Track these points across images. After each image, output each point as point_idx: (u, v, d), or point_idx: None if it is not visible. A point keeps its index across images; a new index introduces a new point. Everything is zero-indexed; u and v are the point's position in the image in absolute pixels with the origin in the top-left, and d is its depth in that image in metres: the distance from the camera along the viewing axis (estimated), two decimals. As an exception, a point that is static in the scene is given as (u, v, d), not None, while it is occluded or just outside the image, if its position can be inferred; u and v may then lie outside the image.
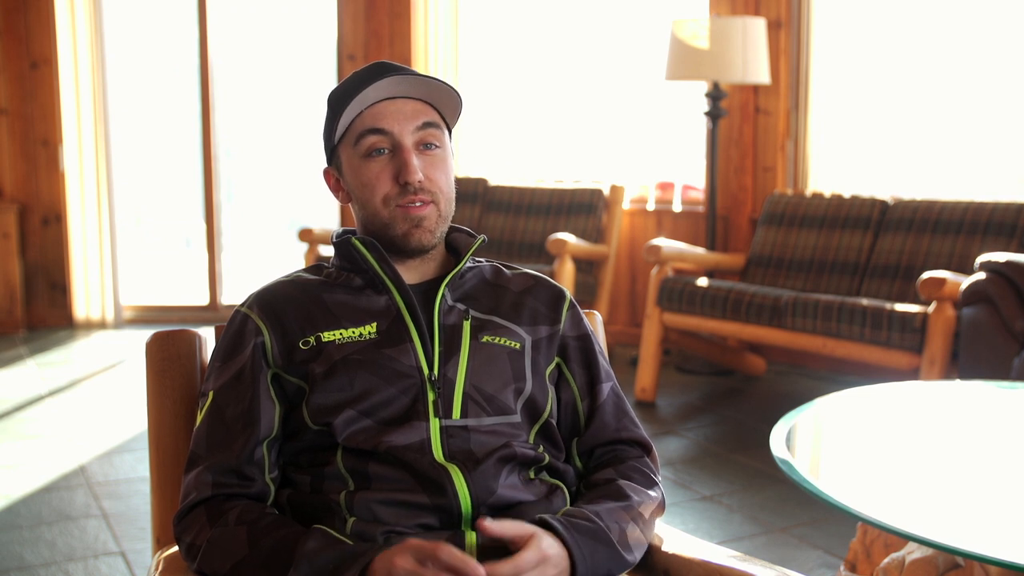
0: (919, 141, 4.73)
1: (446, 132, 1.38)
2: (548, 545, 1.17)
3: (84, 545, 2.84)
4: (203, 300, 6.18)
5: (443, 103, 1.37)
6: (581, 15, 5.73)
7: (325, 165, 1.43)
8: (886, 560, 1.76)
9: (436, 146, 1.35)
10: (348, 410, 1.27)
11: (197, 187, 6.22)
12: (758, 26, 4.51)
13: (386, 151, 1.33)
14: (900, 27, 4.68)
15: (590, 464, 1.39)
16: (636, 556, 1.28)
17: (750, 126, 4.97)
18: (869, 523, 1.41)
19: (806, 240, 4.38)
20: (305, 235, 5.23)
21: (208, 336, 1.49)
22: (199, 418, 1.32)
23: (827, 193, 4.47)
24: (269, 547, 1.18)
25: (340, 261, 1.39)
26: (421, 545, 1.11)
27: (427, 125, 1.35)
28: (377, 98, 1.33)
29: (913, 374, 3.47)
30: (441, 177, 1.35)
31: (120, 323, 5.92)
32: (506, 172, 5.86)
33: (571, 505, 1.32)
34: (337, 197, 1.42)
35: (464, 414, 1.29)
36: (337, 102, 1.35)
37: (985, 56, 4.49)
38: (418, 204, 1.33)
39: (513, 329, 1.37)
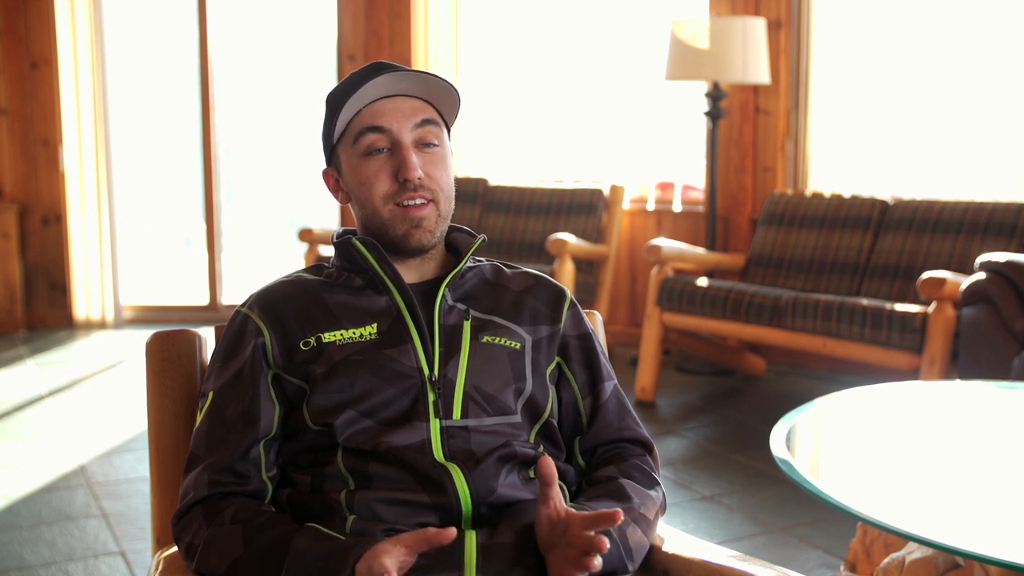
0: (919, 141, 4.73)
1: (445, 130, 1.38)
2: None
3: (84, 545, 2.84)
4: (203, 300, 6.19)
5: (441, 101, 1.37)
6: (581, 15, 5.73)
7: (324, 166, 1.43)
8: (886, 560, 1.76)
9: (435, 144, 1.35)
10: (348, 411, 1.27)
11: (197, 187, 6.22)
12: (758, 26, 4.51)
13: (385, 149, 1.33)
14: (900, 27, 4.67)
15: (592, 462, 1.39)
16: (636, 560, 1.27)
17: (750, 126, 4.97)
18: (869, 523, 1.41)
19: (806, 240, 4.38)
20: (305, 235, 5.23)
21: (208, 336, 1.49)
22: (199, 418, 1.32)
23: (827, 193, 4.47)
24: (264, 545, 1.18)
25: (340, 261, 1.39)
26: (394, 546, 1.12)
27: (426, 123, 1.35)
28: (375, 96, 1.33)
29: (913, 374, 3.47)
30: (441, 175, 1.35)
31: (120, 323, 5.92)
32: (506, 172, 5.86)
33: (570, 502, 1.32)
34: (336, 198, 1.42)
35: (464, 414, 1.29)
36: (335, 101, 1.35)
37: (985, 56, 4.49)
38: (418, 202, 1.33)
39: (513, 329, 1.37)
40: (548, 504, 1.18)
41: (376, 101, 1.33)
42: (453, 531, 1.11)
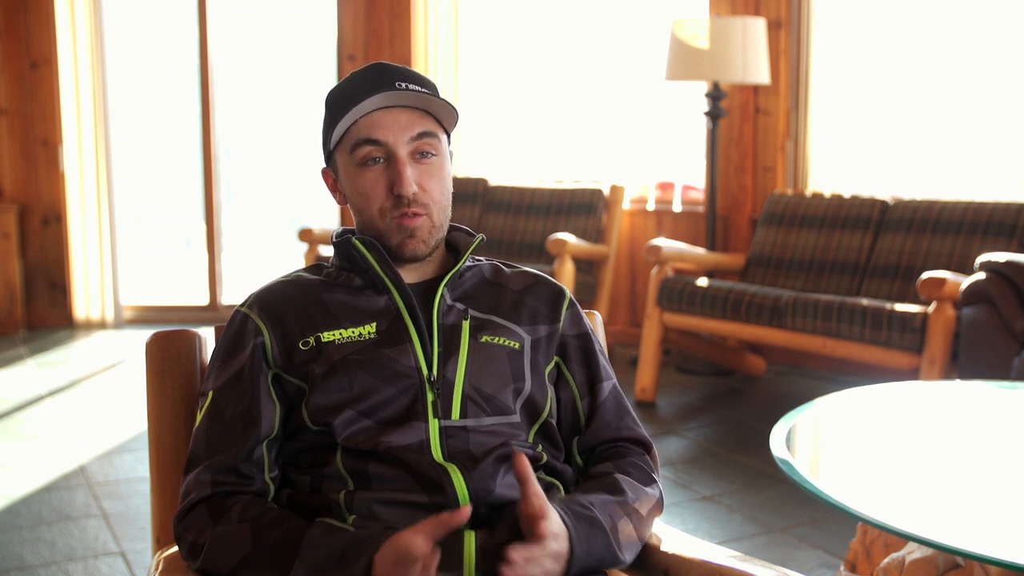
0: (919, 141, 4.73)
1: (443, 138, 1.37)
2: (556, 531, 1.17)
3: (84, 545, 2.84)
4: (203, 300, 6.19)
5: (439, 109, 1.37)
6: (581, 15, 5.73)
7: (323, 165, 1.43)
8: (886, 560, 1.76)
9: (432, 154, 1.35)
10: (347, 410, 1.27)
11: (197, 187, 6.22)
12: (758, 26, 4.51)
13: (381, 160, 1.33)
14: (900, 27, 4.68)
15: (591, 462, 1.39)
16: (628, 555, 1.28)
17: (750, 126, 4.97)
18: (869, 523, 1.41)
19: (806, 240, 4.38)
20: (305, 235, 5.23)
21: (208, 336, 1.49)
22: (199, 418, 1.32)
23: (827, 193, 4.47)
24: (274, 541, 1.18)
25: (340, 261, 1.39)
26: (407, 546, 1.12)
27: (422, 135, 1.34)
28: (373, 107, 1.33)
29: (913, 374, 3.47)
30: (435, 187, 1.35)
31: (120, 323, 5.92)
32: (506, 172, 5.86)
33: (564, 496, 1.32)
34: (335, 197, 1.42)
35: (463, 415, 1.29)
36: (334, 107, 1.35)
37: (985, 56, 4.49)
38: (411, 215, 1.33)
39: (512, 329, 1.37)
40: (528, 502, 1.17)
41: (373, 112, 1.33)
42: (468, 510, 1.12)
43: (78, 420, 4.07)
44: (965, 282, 3.29)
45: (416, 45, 5.86)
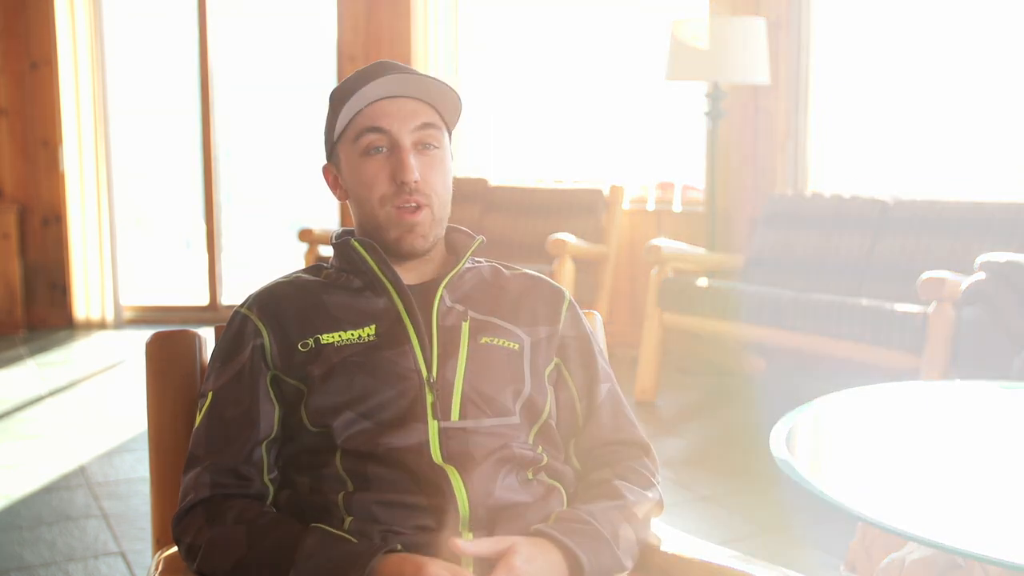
0: (920, 141, 4.73)
1: (445, 133, 1.38)
2: (526, 559, 1.16)
3: (84, 545, 2.84)
4: (203, 301, 6.19)
5: (443, 104, 1.37)
6: (581, 15, 5.73)
7: (324, 162, 1.43)
8: (886, 560, 1.76)
9: (434, 147, 1.35)
10: (347, 412, 1.26)
11: (197, 187, 6.22)
12: (758, 26, 4.51)
13: (384, 149, 1.33)
14: (900, 27, 4.67)
15: (588, 464, 1.39)
16: (631, 560, 1.28)
17: (750, 126, 4.97)
18: (869, 523, 1.41)
19: (806, 240, 4.38)
20: (305, 235, 5.23)
21: (208, 336, 1.49)
22: (198, 419, 1.32)
23: (827, 193, 4.46)
24: (268, 546, 1.18)
25: (339, 262, 1.39)
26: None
27: (426, 126, 1.34)
28: (377, 96, 1.33)
29: (913, 374, 3.47)
30: (437, 179, 1.35)
31: (120, 323, 5.92)
32: (506, 172, 5.86)
33: (568, 506, 1.32)
34: (335, 194, 1.42)
35: (463, 416, 1.29)
36: (338, 99, 1.35)
37: (986, 56, 4.49)
38: (412, 206, 1.33)
39: (512, 330, 1.37)
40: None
41: (378, 101, 1.33)
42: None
43: (78, 420, 4.07)
44: (965, 282, 3.29)
45: (416, 46, 5.86)
